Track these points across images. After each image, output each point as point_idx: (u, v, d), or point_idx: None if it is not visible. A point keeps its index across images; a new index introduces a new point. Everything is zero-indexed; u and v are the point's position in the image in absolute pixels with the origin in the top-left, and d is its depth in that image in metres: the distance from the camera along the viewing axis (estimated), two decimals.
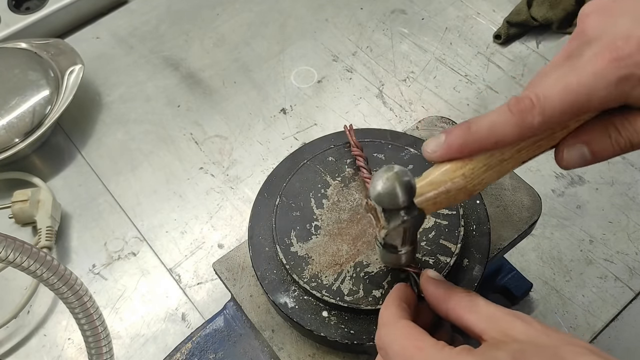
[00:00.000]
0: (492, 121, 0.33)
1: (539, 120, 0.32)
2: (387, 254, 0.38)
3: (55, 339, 0.67)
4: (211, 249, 0.71)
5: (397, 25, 0.91)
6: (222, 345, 0.49)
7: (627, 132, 0.33)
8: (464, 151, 0.34)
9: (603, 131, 0.34)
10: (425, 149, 0.35)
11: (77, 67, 0.82)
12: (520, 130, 0.32)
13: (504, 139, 0.33)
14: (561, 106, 0.32)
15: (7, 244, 0.43)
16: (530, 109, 0.32)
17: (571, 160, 0.35)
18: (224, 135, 0.81)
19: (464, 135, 0.33)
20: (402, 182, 0.33)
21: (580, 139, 0.34)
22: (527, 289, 0.64)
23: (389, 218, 0.34)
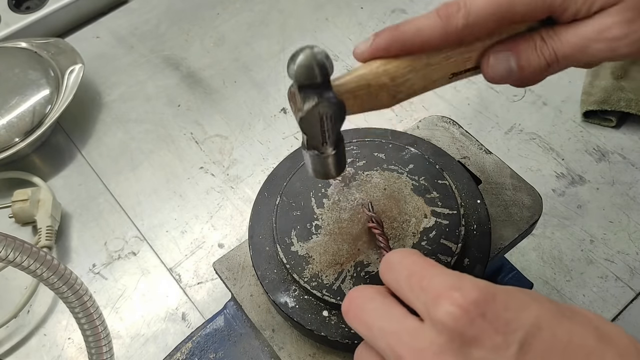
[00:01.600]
0: (419, 23, 0.34)
1: (463, 22, 0.33)
2: (312, 158, 0.37)
3: (55, 339, 0.66)
4: (211, 248, 0.71)
5: None
6: (222, 345, 0.49)
7: (552, 42, 0.34)
8: (390, 49, 0.34)
9: (529, 40, 0.35)
10: (355, 50, 0.36)
11: (77, 66, 0.82)
12: (445, 33, 0.33)
13: (429, 42, 0.34)
14: (485, 9, 0.33)
15: (7, 244, 0.43)
16: (455, 12, 0.33)
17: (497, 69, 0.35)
18: (225, 134, 0.81)
19: (391, 34, 0.34)
20: (318, 59, 0.33)
21: (507, 46, 0.35)
22: (528, 289, 0.64)
23: (305, 98, 0.34)
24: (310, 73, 0.33)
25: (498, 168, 0.52)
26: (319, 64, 0.33)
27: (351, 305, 0.32)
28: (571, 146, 0.76)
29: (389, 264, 0.32)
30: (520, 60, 0.35)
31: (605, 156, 0.74)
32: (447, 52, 0.35)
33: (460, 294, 0.28)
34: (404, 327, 0.29)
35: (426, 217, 0.45)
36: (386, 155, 0.48)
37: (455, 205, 0.45)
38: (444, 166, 0.48)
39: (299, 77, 0.34)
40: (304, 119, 0.35)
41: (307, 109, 0.34)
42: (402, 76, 0.34)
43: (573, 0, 0.32)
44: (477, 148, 0.53)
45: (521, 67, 0.35)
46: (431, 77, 0.35)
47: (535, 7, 0.33)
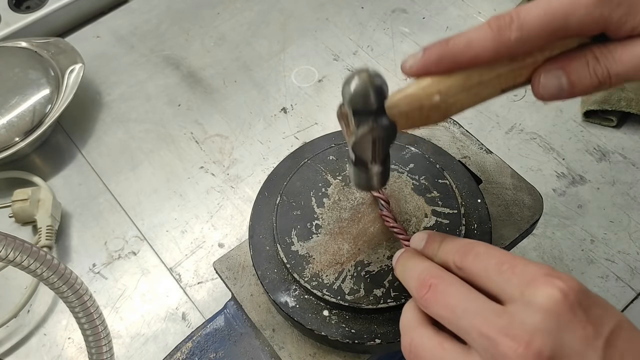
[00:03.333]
0: (470, 36, 0.33)
1: (516, 35, 0.32)
2: (358, 172, 0.38)
3: (56, 338, 0.66)
4: (211, 248, 0.71)
5: (398, 25, 0.91)
6: (222, 345, 0.49)
7: (605, 60, 0.33)
8: (441, 65, 0.33)
9: (581, 58, 0.33)
10: (403, 64, 0.34)
11: (77, 66, 0.82)
12: (497, 45, 0.32)
13: (481, 55, 0.33)
14: (539, 23, 0.32)
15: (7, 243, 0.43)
16: (508, 24, 0.32)
17: (548, 87, 0.34)
18: (225, 134, 0.81)
19: (441, 49, 0.33)
20: (374, 83, 0.33)
21: (558, 64, 0.34)
22: None
23: (359, 122, 0.34)
24: (366, 100, 0.33)
25: (498, 167, 0.52)
26: (375, 90, 0.33)
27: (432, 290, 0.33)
28: (572, 146, 0.76)
29: (476, 254, 0.33)
30: (571, 78, 0.33)
31: (606, 156, 0.74)
32: (498, 70, 0.34)
33: (561, 280, 0.29)
34: (489, 308, 0.30)
35: (427, 217, 0.45)
36: None
37: (455, 204, 0.45)
38: (445, 165, 0.48)
39: (354, 104, 0.33)
40: (357, 143, 0.35)
41: (361, 134, 0.34)
42: (454, 95, 0.34)
43: (631, 17, 0.31)
44: (477, 147, 0.53)
45: (572, 86, 0.34)
46: (482, 94, 0.35)
47: (591, 22, 0.32)
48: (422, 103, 0.34)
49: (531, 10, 0.32)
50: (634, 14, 0.31)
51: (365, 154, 0.36)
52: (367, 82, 0.33)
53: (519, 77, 0.34)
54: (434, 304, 0.32)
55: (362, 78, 0.33)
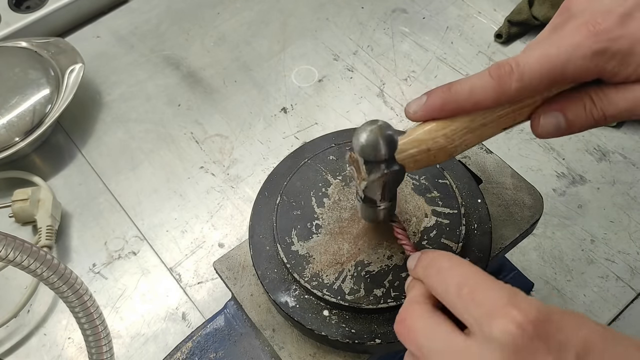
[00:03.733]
0: (472, 84, 0.34)
1: (517, 86, 0.33)
2: (367, 208, 0.40)
3: (56, 338, 0.66)
4: (212, 248, 0.71)
5: (398, 25, 0.91)
6: (222, 345, 0.49)
7: (601, 103, 0.35)
8: (444, 111, 0.35)
9: (578, 101, 0.35)
10: (407, 108, 0.36)
11: (77, 66, 0.82)
12: (498, 94, 0.34)
13: (482, 102, 0.34)
14: (539, 73, 0.33)
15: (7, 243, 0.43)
16: (509, 74, 0.33)
17: (546, 127, 0.36)
18: (225, 134, 0.81)
19: (445, 95, 0.35)
20: (384, 135, 0.34)
21: (556, 107, 0.35)
22: (528, 289, 0.63)
23: (370, 170, 0.35)
24: (377, 152, 0.34)
25: (499, 167, 0.52)
26: (386, 142, 0.34)
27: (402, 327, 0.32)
28: (572, 146, 0.76)
29: (438, 269, 0.33)
30: (569, 119, 0.35)
31: (606, 156, 0.74)
32: (499, 112, 0.35)
33: (518, 311, 0.28)
34: (452, 345, 0.30)
35: (427, 217, 0.45)
36: None
37: (455, 204, 0.45)
38: (445, 165, 0.48)
39: (365, 155, 0.35)
40: (368, 188, 0.36)
41: (372, 179, 0.35)
42: (459, 138, 0.36)
43: (624, 67, 0.33)
44: (477, 147, 0.53)
45: (570, 126, 0.35)
46: (485, 134, 0.36)
47: (587, 72, 0.33)
48: (429, 146, 0.36)
49: (530, 61, 0.33)
50: (626, 65, 0.33)
51: (375, 195, 0.38)
52: (378, 135, 0.34)
53: (519, 117, 0.36)
54: (406, 341, 0.32)
55: (374, 131, 0.34)
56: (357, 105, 0.82)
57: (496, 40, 0.87)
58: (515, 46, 0.87)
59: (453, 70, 0.85)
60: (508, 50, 0.86)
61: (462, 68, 0.85)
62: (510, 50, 0.86)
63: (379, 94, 0.83)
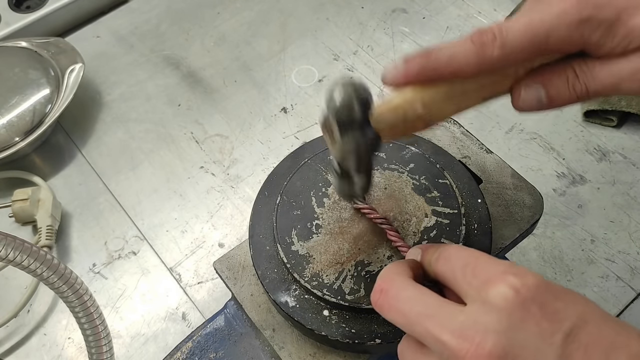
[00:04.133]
0: (453, 49, 0.33)
1: (499, 53, 0.32)
2: (342, 182, 0.38)
3: (56, 338, 0.66)
4: (212, 248, 0.71)
5: (398, 24, 0.91)
6: (222, 345, 0.49)
7: (584, 77, 0.34)
8: (422, 76, 0.33)
9: (561, 73, 0.34)
10: (384, 75, 0.34)
11: (77, 66, 0.82)
12: (479, 61, 0.33)
13: (463, 69, 0.33)
14: (521, 41, 0.32)
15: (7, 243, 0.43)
16: (491, 41, 0.32)
17: (527, 101, 0.35)
18: (225, 134, 0.81)
19: (423, 60, 0.33)
20: (359, 95, 0.33)
21: (538, 79, 0.34)
22: None
23: (343, 133, 0.34)
24: (351, 111, 0.33)
25: (499, 167, 0.52)
26: (360, 102, 0.33)
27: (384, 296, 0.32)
28: (572, 146, 0.76)
29: (446, 257, 0.33)
30: (550, 93, 0.34)
31: (606, 156, 0.74)
32: (480, 81, 0.34)
33: (515, 277, 0.28)
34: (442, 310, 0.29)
35: (427, 217, 0.45)
36: (386, 155, 0.48)
37: (456, 204, 0.45)
38: (445, 165, 0.48)
39: (339, 115, 0.33)
40: (342, 154, 0.35)
41: (346, 144, 0.34)
42: (436, 105, 0.34)
43: (609, 38, 0.32)
44: (477, 147, 0.53)
45: (551, 99, 0.35)
46: (464, 103, 0.35)
47: (571, 42, 0.32)
48: (406, 113, 0.34)
49: (513, 28, 0.32)
50: (612, 36, 0.32)
51: (349, 164, 0.36)
52: (352, 94, 0.33)
53: (500, 87, 0.35)
54: (386, 310, 0.32)
55: (347, 89, 0.33)
56: None
57: None
58: None
59: None
60: None
61: None
62: None
63: (379, 94, 0.83)
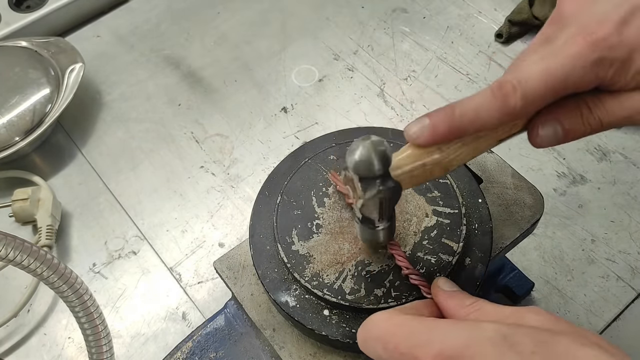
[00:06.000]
0: (477, 106, 0.33)
1: (521, 104, 0.33)
2: (366, 229, 0.39)
3: (56, 338, 0.66)
4: (212, 247, 0.71)
5: (398, 24, 0.91)
6: (222, 344, 0.49)
7: (598, 111, 0.35)
8: (450, 136, 0.34)
9: (575, 110, 0.35)
10: (408, 132, 0.35)
11: (77, 65, 0.82)
12: (502, 115, 0.33)
13: (488, 123, 0.34)
14: (541, 89, 0.33)
15: (7, 242, 0.43)
16: (512, 93, 0.33)
17: (545, 138, 0.35)
18: (225, 134, 0.81)
19: (449, 120, 0.33)
20: (377, 150, 0.33)
21: (553, 116, 0.35)
22: (529, 289, 0.63)
23: (365, 187, 0.35)
24: (371, 167, 0.34)
25: (499, 167, 0.52)
26: (380, 158, 0.33)
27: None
28: (572, 145, 0.76)
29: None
30: (566, 127, 0.35)
31: (607, 155, 0.74)
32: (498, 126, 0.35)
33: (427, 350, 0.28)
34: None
35: (427, 216, 0.45)
36: None
37: (456, 204, 0.45)
38: None
39: (360, 171, 0.34)
40: (365, 206, 0.36)
41: (368, 197, 0.35)
42: (454, 152, 0.35)
43: (623, 74, 0.33)
44: None
45: (566, 134, 0.35)
46: (481, 147, 0.36)
47: (587, 82, 0.33)
48: (425, 162, 0.35)
49: (531, 76, 0.33)
50: (625, 73, 0.33)
51: (372, 214, 0.37)
52: (372, 150, 0.33)
53: (515, 129, 0.36)
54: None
55: (366, 147, 0.33)
56: (358, 105, 0.82)
57: (497, 40, 0.87)
58: (516, 46, 0.87)
59: (453, 69, 0.85)
60: (508, 49, 0.86)
61: (463, 68, 0.85)
62: (511, 49, 0.86)
63: (380, 94, 0.83)
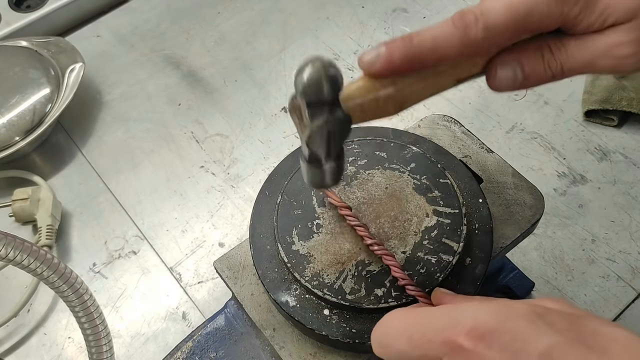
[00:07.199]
0: (436, 34, 0.32)
1: (483, 35, 0.32)
2: (312, 169, 0.36)
3: (56, 338, 0.66)
4: (212, 247, 0.71)
5: (398, 24, 0.91)
6: (223, 344, 0.49)
7: (560, 55, 0.33)
8: (405, 65, 0.32)
9: (537, 51, 0.34)
10: (362, 58, 0.33)
11: (77, 65, 0.82)
12: (462, 44, 0.32)
13: (446, 54, 0.32)
14: (503, 20, 0.32)
15: (7, 242, 0.43)
16: (473, 23, 0.32)
17: (503, 79, 0.34)
18: (225, 133, 0.81)
19: (406, 48, 0.32)
20: (328, 72, 0.31)
21: (513, 57, 0.34)
22: (529, 288, 0.63)
23: (313, 114, 0.32)
24: (320, 90, 0.31)
25: (500, 167, 0.52)
26: (330, 80, 0.31)
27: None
28: (573, 145, 0.76)
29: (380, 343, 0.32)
30: (526, 70, 0.34)
31: (607, 155, 0.74)
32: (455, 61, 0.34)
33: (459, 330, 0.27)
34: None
35: (428, 216, 0.45)
36: (387, 154, 0.48)
37: (456, 204, 0.45)
38: (446, 165, 0.48)
39: (308, 94, 0.32)
40: (311, 137, 0.33)
41: (315, 126, 0.32)
42: (409, 86, 0.33)
43: (587, 14, 0.32)
44: (478, 147, 0.53)
45: (526, 77, 0.34)
46: (438, 84, 0.34)
47: (550, 19, 0.32)
48: (378, 94, 0.33)
49: (494, 8, 0.32)
50: (590, 12, 0.32)
51: (319, 148, 0.34)
52: (321, 72, 0.31)
53: (474, 67, 0.34)
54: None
55: (316, 67, 0.31)
56: None
57: None
58: None
59: None
60: None
61: None
62: None
63: None
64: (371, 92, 0.33)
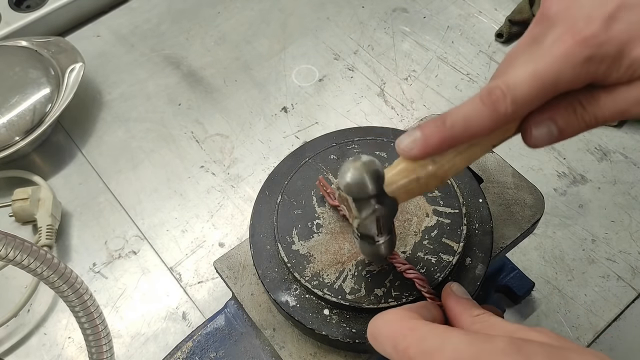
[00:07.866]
0: (466, 114, 0.33)
1: (512, 109, 0.32)
2: (366, 245, 0.38)
3: (56, 338, 0.66)
4: (212, 247, 0.71)
5: (398, 24, 0.91)
6: (223, 344, 0.49)
7: (592, 108, 0.34)
8: (442, 147, 0.33)
9: (569, 107, 0.34)
10: (399, 145, 0.34)
11: (77, 65, 0.82)
12: (493, 120, 0.33)
13: (479, 131, 0.33)
14: (531, 93, 0.32)
15: (7, 242, 0.43)
16: (502, 99, 0.32)
17: (539, 138, 0.35)
18: (225, 133, 0.81)
19: (440, 131, 0.33)
20: (370, 171, 0.33)
21: (547, 115, 0.34)
22: (529, 288, 0.63)
23: (360, 208, 0.34)
24: (364, 189, 0.33)
25: (500, 167, 0.52)
26: (372, 178, 0.33)
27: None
28: (573, 145, 0.76)
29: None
30: (560, 126, 0.34)
31: (607, 155, 0.74)
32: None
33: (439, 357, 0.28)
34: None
35: (428, 216, 0.45)
36: (388, 154, 0.48)
37: (457, 204, 0.45)
38: None
39: (353, 193, 0.34)
40: (361, 225, 0.35)
41: (364, 216, 0.34)
42: (448, 162, 0.34)
43: (615, 70, 0.32)
44: None
45: (561, 132, 0.34)
46: (475, 155, 0.35)
47: (578, 80, 0.32)
48: (418, 174, 0.35)
49: (520, 80, 0.32)
50: (617, 68, 0.32)
51: (371, 231, 0.37)
52: (363, 172, 0.33)
53: (508, 132, 0.35)
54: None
55: (358, 168, 0.33)
56: (358, 105, 0.82)
57: (497, 40, 0.87)
58: None
59: (454, 69, 0.85)
60: (509, 49, 0.86)
61: (463, 67, 0.85)
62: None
63: (380, 94, 0.83)
64: (412, 174, 0.35)
